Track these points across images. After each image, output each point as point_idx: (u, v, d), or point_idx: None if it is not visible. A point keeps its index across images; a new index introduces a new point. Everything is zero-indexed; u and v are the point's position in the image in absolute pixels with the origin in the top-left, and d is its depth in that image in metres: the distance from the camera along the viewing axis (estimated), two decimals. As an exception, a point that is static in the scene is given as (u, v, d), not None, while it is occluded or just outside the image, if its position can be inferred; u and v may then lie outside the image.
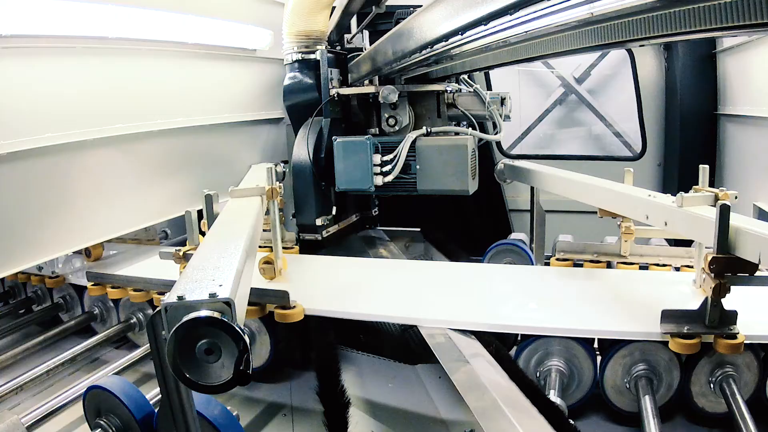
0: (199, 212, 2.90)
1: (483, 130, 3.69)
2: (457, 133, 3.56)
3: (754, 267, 2.03)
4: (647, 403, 2.22)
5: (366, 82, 3.76)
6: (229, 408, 1.90)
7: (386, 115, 3.70)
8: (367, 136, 3.56)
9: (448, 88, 3.70)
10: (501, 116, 3.61)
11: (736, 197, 2.33)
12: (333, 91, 3.75)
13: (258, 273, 2.97)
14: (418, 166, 3.47)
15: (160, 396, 1.68)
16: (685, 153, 4.43)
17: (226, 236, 2.06)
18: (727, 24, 1.32)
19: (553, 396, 2.26)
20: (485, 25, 1.89)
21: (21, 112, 2.75)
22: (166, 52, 3.65)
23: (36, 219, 2.89)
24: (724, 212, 2.02)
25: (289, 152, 4.59)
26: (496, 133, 3.62)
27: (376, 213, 4.53)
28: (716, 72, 4.25)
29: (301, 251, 3.74)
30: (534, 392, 2.06)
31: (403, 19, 2.90)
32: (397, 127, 3.68)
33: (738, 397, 2.19)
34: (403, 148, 3.43)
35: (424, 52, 2.57)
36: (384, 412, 2.66)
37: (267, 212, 2.97)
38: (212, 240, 2.08)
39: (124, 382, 2.03)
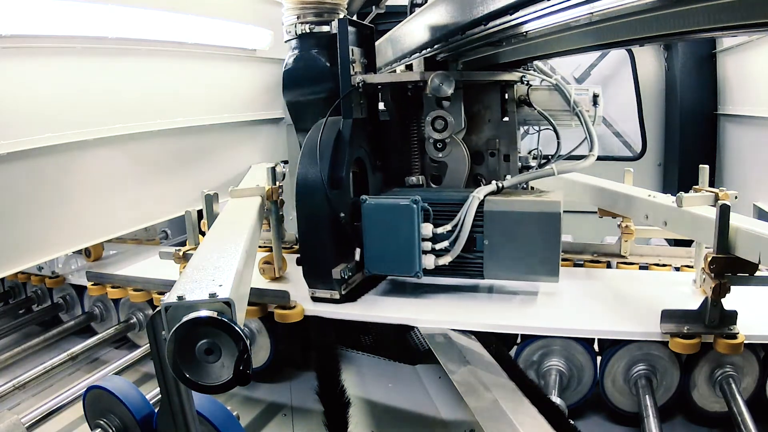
0: (199, 212, 2.90)
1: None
2: (529, 187, 2.62)
3: (754, 267, 2.03)
4: (647, 403, 2.22)
5: (402, 67, 2.85)
6: (229, 408, 1.90)
7: (432, 116, 2.68)
8: (412, 197, 2.38)
9: (524, 78, 2.76)
10: (593, 121, 2.70)
11: (736, 197, 2.34)
12: (357, 79, 2.56)
13: (258, 273, 2.97)
14: (486, 242, 2.39)
15: (160, 396, 1.68)
16: (685, 153, 4.44)
17: (226, 236, 2.06)
18: (727, 24, 1.32)
19: (553, 396, 2.25)
20: (485, 25, 1.89)
21: (21, 112, 2.75)
22: (166, 52, 3.65)
23: (36, 219, 2.89)
24: (724, 212, 2.02)
25: (290, 152, 4.60)
26: (588, 154, 2.55)
27: None
28: (716, 72, 4.25)
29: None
30: (534, 392, 2.06)
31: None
32: (446, 134, 2.67)
33: (738, 397, 2.19)
34: (467, 214, 2.34)
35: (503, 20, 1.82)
36: (384, 412, 2.65)
37: (267, 212, 2.97)
38: (212, 240, 2.08)
39: (124, 382, 2.03)
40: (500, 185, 2.44)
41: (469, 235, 2.35)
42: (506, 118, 2.74)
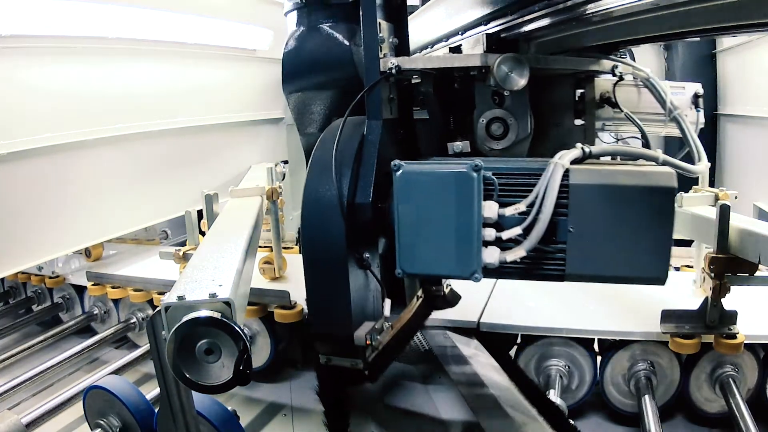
0: (199, 212, 2.90)
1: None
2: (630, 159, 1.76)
3: (754, 267, 2.03)
4: (647, 403, 2.22)
5: (445, 51, 2.17)
6: (229, 408, 1.90)
7: (487, 118, 1.96)
8: (471, 162, 1.59)
9: (617, 68, 2.13)
10: (696, 127, 2.23)
11: (736, 197, 2.34)
12: (389, 64, 1.81)
13: (258, 273, 2.97)
14: (572, 229, 1.59)
15: (160, 396, 1.68)
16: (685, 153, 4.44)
17: (226, 236, 2.05)
18: (727, 24, 1.32)
19: (553, 396, 2.25)
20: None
21: (21, 112, 2.75)
22: (166, 52, 3.65)
23: (36, 219, 2.89)
24: (724, 212, 2.02)
25: (290, 153, 4.59)
26: (694, 162, 2.08)
27: (450, 288, 2.40)
28: (716, 72, 4.25)
29: (327, 383, 2.29)
30: (534, 392, 2.06)
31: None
32: (507, 142, 1.96)
33: (738, 397, 2.19)
34: (549, 189, 1.54)
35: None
36: (384, 412, 2.65)
37: (267, 212, 2.97)
38: (212, 240, 2.07)
39: (124, 382, 2.03)
40: (588, 150, 1.65)
41: (552, 219, 1.55)
42: (580, 121, 2.15)
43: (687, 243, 3.08)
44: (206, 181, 3.82)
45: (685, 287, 2.70)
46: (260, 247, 2.95)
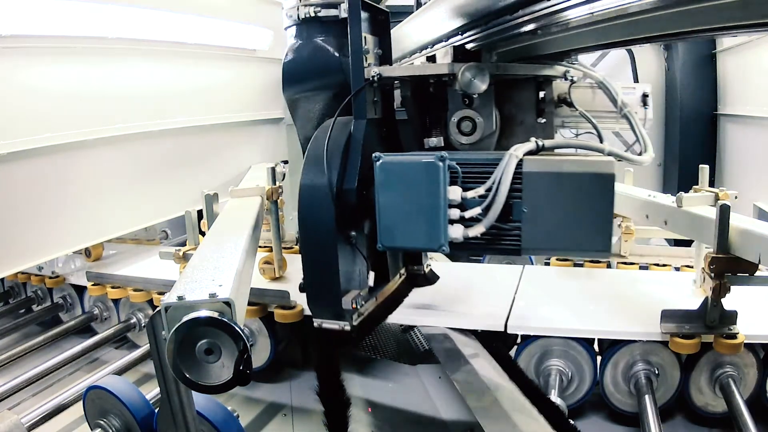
0: (199, 212, 2.90)
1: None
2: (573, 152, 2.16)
3: (754, 267, 2.03)
4: (647, 403, 2.22)
5: (422, 60, 2.48)
6: (229, 408, 1.90)
7: (458, 117, 2.28)
8: (438, 154, 1.94)
9: (568, 74, 2.44)
10: (644, 123, 2.50)
11: (736, 197, 2.34)
12: (372, 72, 2.14)
13: (258, 273, 2.97)
14: (525, 210, 1.95)
15: (160, 396, 1.68)
16: (685, 153, 4.44)
17: (226, 236, 2.06)
18: (727, 24, 1.32)
19: (553, 396, 2.25)
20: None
21: (21, 112, 2.75)
22: (166, 52, 3.65)
23: (36, 219, 2.89)
24: (724, 212, 2.02)
25: (290, 153, 4.60)
26: (639, 154, 2.33)
27: (430, 268, 2.62)
28: (716, 72, 4.25)
29: (320, 349, 2.44)
30: (534, 392, 2.06)
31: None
32: (475, 137, 2.30)
33: (738, 397, 2.19)
34: (504, 175, 1.88)
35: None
36: (384, 412, 2.66)
37: (267, 212, 2.97)
38: (212, 240, 2.07)
39: (124, 382, 2.03)
40: (540, 143, 1.99)
41: (506, 201, 1.90)
42: (542, 120, 2.41)
43: (687, 243, 3.09)
44: (206, 181, 3.83)
45: (685, 287, 2.70)
46: (260, 247, 2.95)
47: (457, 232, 1.95)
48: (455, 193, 1.93)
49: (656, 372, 2.37)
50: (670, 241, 3.47)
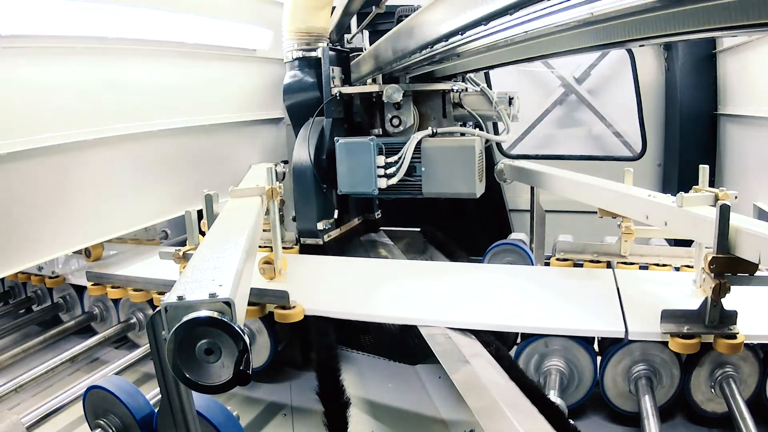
0: (199, 212, 2.90)
1: (488, 131, 3.63)
2: (463, 134, 3.48)
3: (754, 267, 2.03)
4: (647, 403, 2.22)
5: (369, 81, 3.68)
6: (229, 408, 1.90)
7: (390, 116, 3.59)
8: (370, 137, 3.45)
9: (454, 88, 3.59)
10: (509, 116, 3.49)
11: (736, 197, 2.34)
12: (335, 90, 3.65)
13: (258, 273, 2.97)
14: (423, 168, 3.36)
15: (160, 396, 1.68)
16: (685, 153, 4.43)
17: (226, 236, 2.06)
18: (727, 24, 1.32)
19: (553, 396, 2.25)
20: (485, 24, 1.89)
21: (21, 112, 2.75)
22: (166, 52, 3.65)
23: (36, 219, 2.90)
24: (724, 212, 2.02)
25: (289, 152, 4.59)
26: (503, 134, 3.55)
27: (379, 216, 4.37)
28: (716, 72, 4.25)
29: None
30: (534, 392, 2.06)
31: (405, 17, 2.92)
32: (401, 128, 3.58)
33: (738, 397, 2.19)
34: (408, 150, 3.33)
35: (425, 51, 2.55)
36: (384, 412, 2.66)
37: (267, 212, 2.97)
38: (212, 240, 2.08)
39: (124, 382, 2.03)
40: (434, 130, 3.43)
41: (410, 164, 3.37)
42: (445, 117, 3.64)
43: (687, 243, 3.09)
44: (206, 181, 3.82)
45: (685, 287, 2.70)
46: (260, 247, 2.95)
47: (382, 182, 3.44)
48: (380, 160, 3.44)
49: (656, 372, 2.37)
50: (670, 241, 3.47)
